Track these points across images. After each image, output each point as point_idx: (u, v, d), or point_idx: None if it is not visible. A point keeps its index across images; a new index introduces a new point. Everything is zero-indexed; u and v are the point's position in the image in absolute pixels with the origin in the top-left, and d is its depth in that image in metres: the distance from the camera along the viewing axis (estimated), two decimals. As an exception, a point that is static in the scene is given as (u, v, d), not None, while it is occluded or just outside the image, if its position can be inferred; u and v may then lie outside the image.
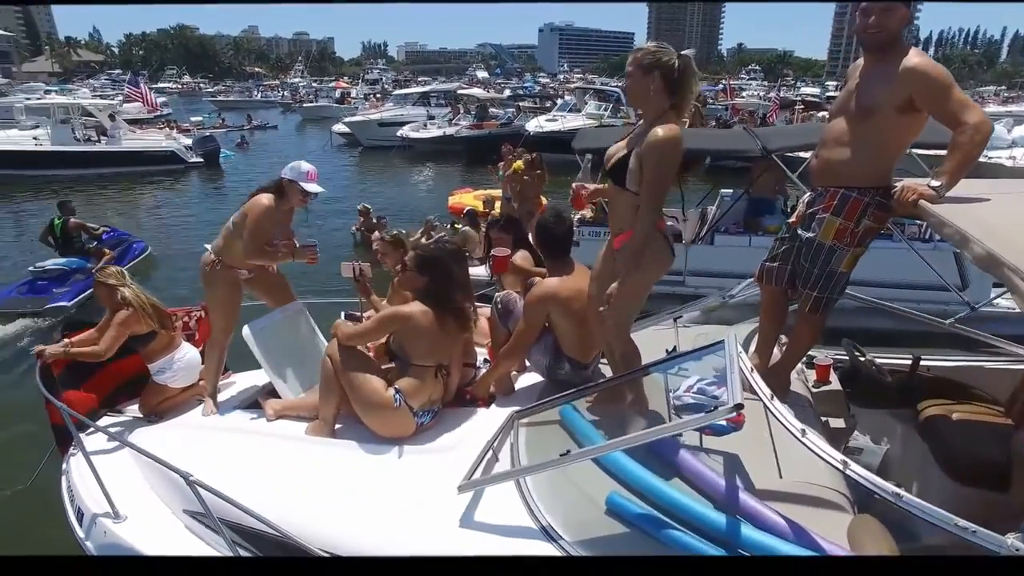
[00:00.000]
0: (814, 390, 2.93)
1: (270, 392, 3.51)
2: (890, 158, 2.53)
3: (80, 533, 2.79)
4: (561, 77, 72.20)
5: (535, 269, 3.48)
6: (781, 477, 2.20)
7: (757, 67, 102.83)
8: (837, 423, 2.86)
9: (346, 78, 77.85)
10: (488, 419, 2.88)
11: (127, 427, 3.46)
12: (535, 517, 2.17)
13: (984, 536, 1.61)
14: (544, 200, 9.15)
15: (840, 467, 1.84)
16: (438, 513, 2.27)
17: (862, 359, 3.12)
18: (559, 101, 25.95)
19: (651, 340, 3.05)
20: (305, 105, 43.33)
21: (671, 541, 1.94)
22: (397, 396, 2.82)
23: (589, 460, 2.23)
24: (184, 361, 3.63)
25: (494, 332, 3.28)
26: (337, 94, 47.72)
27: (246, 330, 3.42)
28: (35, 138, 18.53)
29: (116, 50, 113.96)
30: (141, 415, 3.60)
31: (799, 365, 3.01)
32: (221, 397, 3.65)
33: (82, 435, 3.02)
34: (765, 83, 65.13)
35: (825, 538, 1.87)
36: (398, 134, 23.21)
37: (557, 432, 2.56)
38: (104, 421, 3.56)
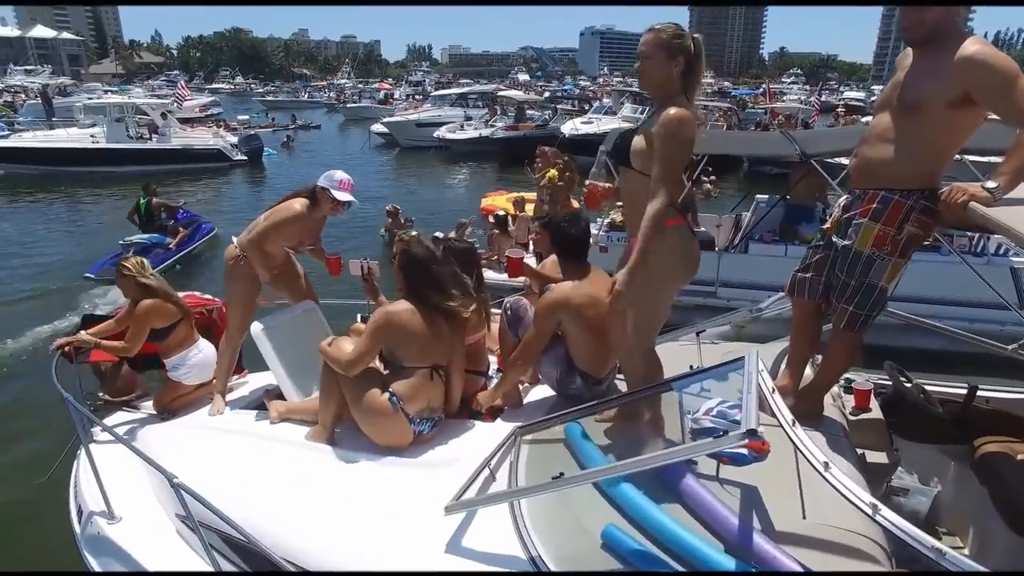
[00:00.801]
0: (851, 417, 2.62)
1: (278, 393, 3.39)
2: (938, 158, 2.23)
3: (76, 529, 2.74)
4: (600, 80, 71.59)
5: (551, 275, 3.27)
6: (804, 518, 1.93)
7: (799, 71, 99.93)
8: (877, 457, 2.53)
9: (390, 80, 78.69)
10: (492, 433, 2.67)
11: (138, 424, 3.39)
12: (524, 545, 1.98)
13: None
14: (575, 203, 8.91)
15: (869, 511, 1.58)
16: (422, 534, 2.10)
17: (908, 385, 2.78)
18: (595, 104, 25.57)
19: (672, 357, 2.80)
20: (348, 106, 43.92)
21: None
22: (393, 399, 2.66)
23: (590, 485, 2.04)
24: (198, 359, 3.57)
25: (503, 340, 3.10)
26: (381, 95, 48.18)
27: (255, 327, 3.34)
28: (92, 136, 19.13)
29: (175, 52, 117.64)
30: (155, 412, 3.56)
31: (835, 389, 2.74)
32: (232, 396, 3.57)
33: (95, 428, 3.01)
34: (807, 87, 63.22)
35: None
36: (435, 135, 23.20)
37: (561, 452, 2.36)
38: (119, 416, 3.54)
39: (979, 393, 2.77)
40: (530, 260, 3.78)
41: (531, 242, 7.53)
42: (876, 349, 2.76)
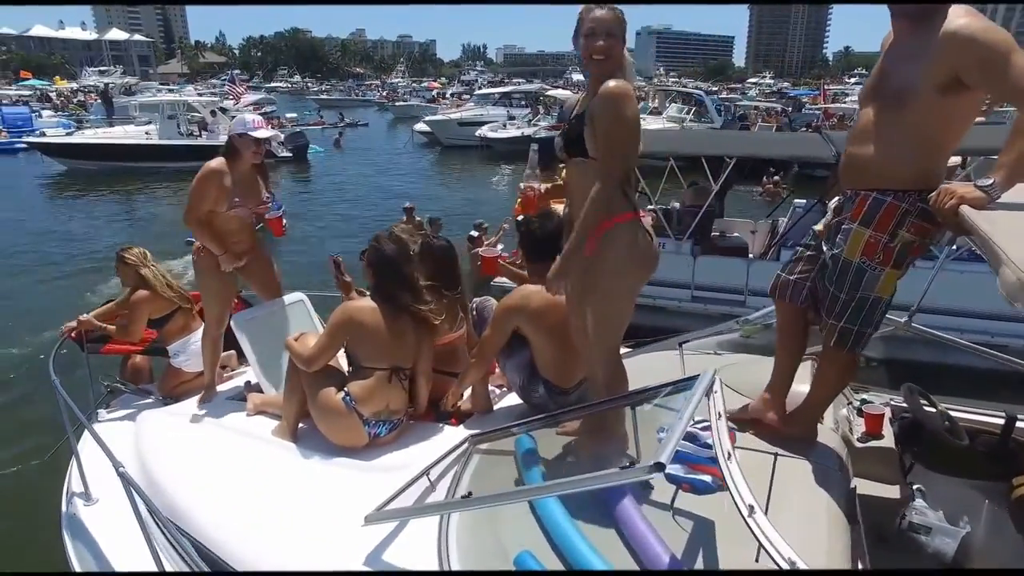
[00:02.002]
0: (859, 445, 2.34)
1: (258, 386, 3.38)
2: (934, 153, 1.94)
3: (62, 509, 2.79)
4: (655, 81, 70.71)
5: (522, 273, 3.09)
6: (757, 560, 1.66)
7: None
8: (885, 491, 2.25)
9: (443, 79, 79.60)
10: (454, 440, 2.51)
11: (139, 409, 3.44)
12: (441, 564, 1.84)
13: None
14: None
15: (786, 565, 1.34)
16: (348, 541, 1.98)
17: (931, 411, 2.45)
18: (640, 104, 25.08)
19: (652, 370, 2.59)
20: (397, 104, 44.56)
21: None
22: (346, 399, 2.60)
23: (525, 504, 1.89)
24: (198, 347, 3.57)
25: (470, 341, 2.98)
26: (433, 93, 48.72)
27: (234, 320, 3.33)
28: (147, 133, 19.99)
29: (237, 52, 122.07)
30: (160, 397, 3.63)
31: (844, 411, 2.48)
32: (229, 385, 3.57)
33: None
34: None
35: None
36: (476, 134, 23.16)
37: (512, 465, 2.19)
38: (126, 399, 3.64)
39: (1020, 424, 2.44)
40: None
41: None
42: (902, 365, 2.46)
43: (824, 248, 2.15)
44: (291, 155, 20.91)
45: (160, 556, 2.04)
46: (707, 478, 1.78)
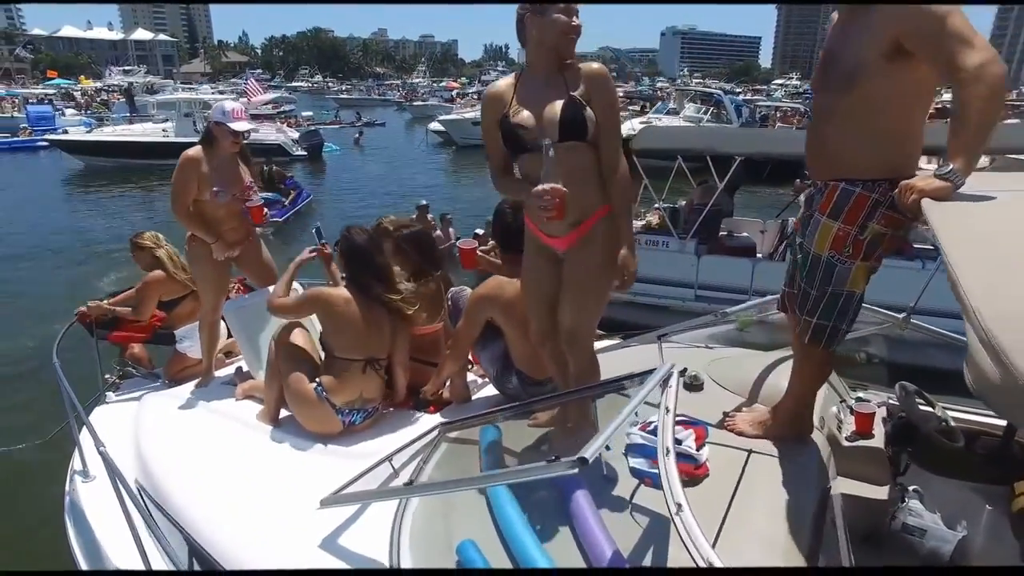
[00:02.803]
0: (846, 444, 2.30)
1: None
2: (898, 136, 1.85)
3: (65, 487, 2.92)
4: (679, 82, 70.32)
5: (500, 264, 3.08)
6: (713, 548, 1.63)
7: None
8: (872, 492, 2.19)
9: (463, 79, 79.92)
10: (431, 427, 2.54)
11: (144, 391, 3.56)
12: (391, 551, 1.83)
13: None
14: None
15: (703, 564, 1.30)
16: (305, 524, 2.00)
17: (929, 411, 2.39)
18: (659, 103, 24.90)
19: (638, 363, 2.56)
20: (415, 104, 44.87)
21: None
22: (318, 389, 2.66)
23: (481, 495, 1.89)
24: None
25: (446, 331, 2.99)
26: (452, 93, 48.93)
27: (225, 308, 3.43)
28: (164, 130, 20.38)
29: (259, 52, 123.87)
30: (166, 380, 3.79)
31: (834, 409, 2.44)
32: (225, 372, 3.62)
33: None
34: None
35: None
36: (491, 134, 23.07)
37: (476, 455, 2.19)
38: (134, 382, 3.86)
39: None
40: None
41: None
42: (905, 366, 2.52)
43: (798, 240, 2.09)
44: (306, 153, 21.12)
45: (139, 532, 2.10)
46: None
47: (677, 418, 2.04)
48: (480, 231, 9.13)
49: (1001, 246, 1.37)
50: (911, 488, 2.42)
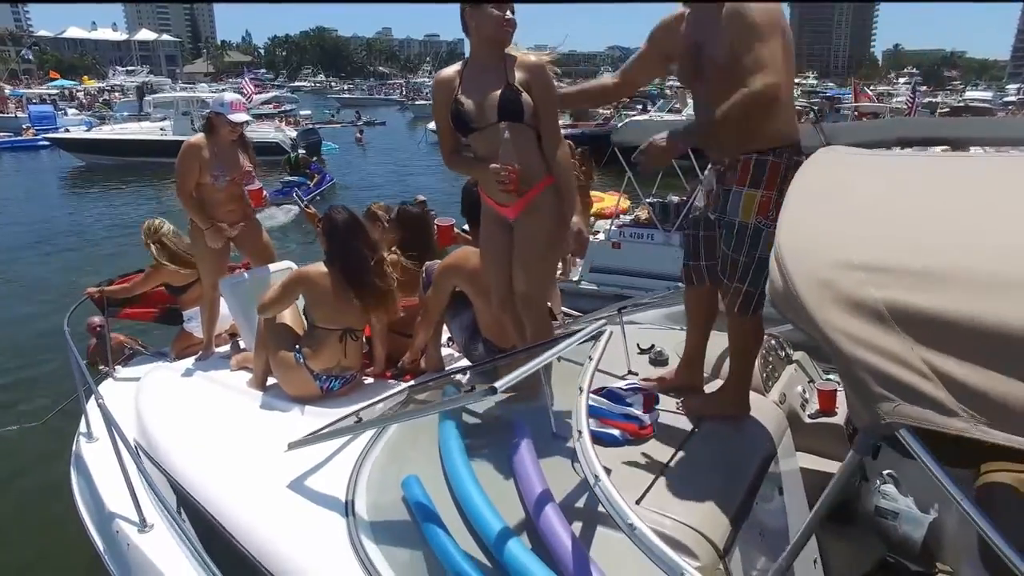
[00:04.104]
0: (808, 420, 2.44)
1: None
2: (780, 105, 2.06)
3: (72, 448, 3.17)
4: (688, 80, 69.93)
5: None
6: (638, 503, 1.74)
7: (915, 70, 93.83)
8: (832, 467, 2.31)
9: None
10: None
11: (151, 366, 3.86)
12: (347, 488, 2.03)
13: None
14: (593, 197, 8.79)
15: (625, 530, 1.38)
16: (280, 469, 2.20)
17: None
18: (660, 101, 25.04)
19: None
20: (417, 103, 45.15)
21: (435, 547, 1.67)
22: (297, 356, 2.96)
23: (435, 439, 2.06)
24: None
25: (422, 303, 3.20)
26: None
27: (221, 283, 3.70)
28: (162, 129, 20.77)
29: (262, 51, 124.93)
30: (172, 357, 4.11)
31: (799, 388, 2.55)
32: (225, 348, 3.93)
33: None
34: (923, 88, 59.17)
35: None
36: (491, 132, 23.28)
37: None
38: (144, 358, 4.22)
39: None
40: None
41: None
42: None
43: (712, 216, 2.22)
44: (304, 152, 21.45)
45: (132, 481, 2.35)
46: (616, 432, 1.99)
47: (630, 384, 2.26)
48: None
49: (829, 194, 1.51)
50: (885, 472, 2.54)
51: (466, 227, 3.42)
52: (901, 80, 69.57)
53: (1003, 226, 1.12)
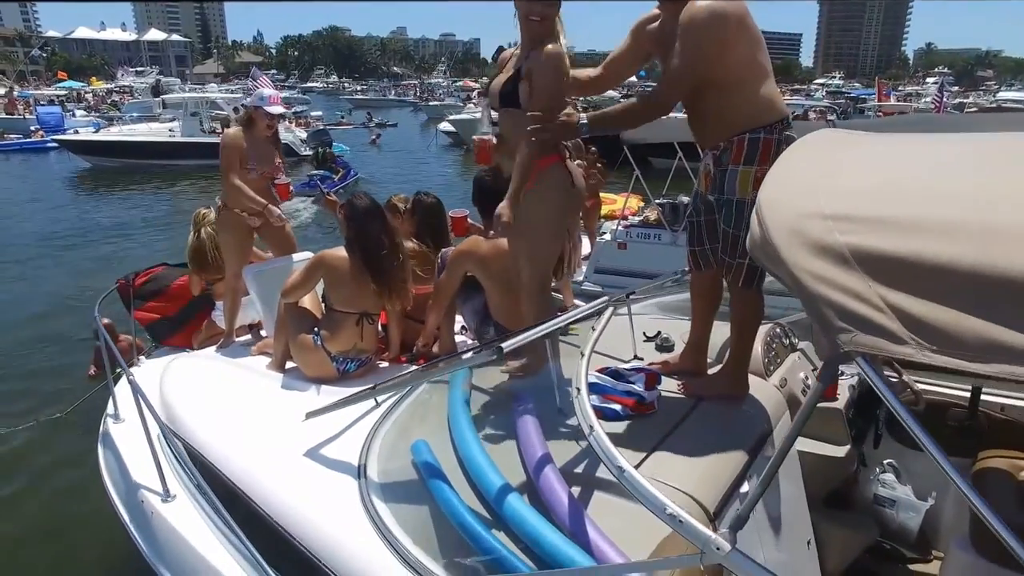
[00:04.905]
0: None
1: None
2: (761, 82, 2.24)
3: (100, 429, 3.34)
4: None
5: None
6: (638, 467, 1.82)
7: (947, 70, 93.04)
8: (830, 451, 2.44)
9: (484, 79, 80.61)
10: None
11: (175, 354, 4.05)
12: (360, 455, 2.19)
13: None
14: (607, 199, 8.90)
15: (615, 473, 1.47)
16: (298, 439, 2.37)
17: (894, 379, 2.53)
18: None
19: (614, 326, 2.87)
20: (431, 104, 45.62)
21: (440, 502, 1.80)
22: (315, 338, 3.15)
23: (445, 411, 2.21)
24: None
25: (435, 289, 3.40)
26: (473, 93, 49.57)
27: (244, 272, 3.90)
28: (170, 130, 21.13)
29: (274, 51, 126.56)
30: (195, 346, 4.31)
31: (802, 374, 2.66)
32: (246, 337, 4.15)
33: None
34: (955, 88, 58.73)
35: (602, 532, 1.58)
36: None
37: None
38: (163, 350, 4.36)
39: (993, 399, 2.61)
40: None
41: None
42: None
43: (711, 198, 2.34)
44: (314, 152, 21.79)
45: (156, 451, 2.53)
46: (617, 407, 2.11)
47: (633, 364, 2.41)
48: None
49: (810, 160, 1.63)
50: (885, 462, 2.67)
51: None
52: (930, 80, 68.98)
53: (960, 182, 1.26)
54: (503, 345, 1.79)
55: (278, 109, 3.99)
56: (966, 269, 1.03)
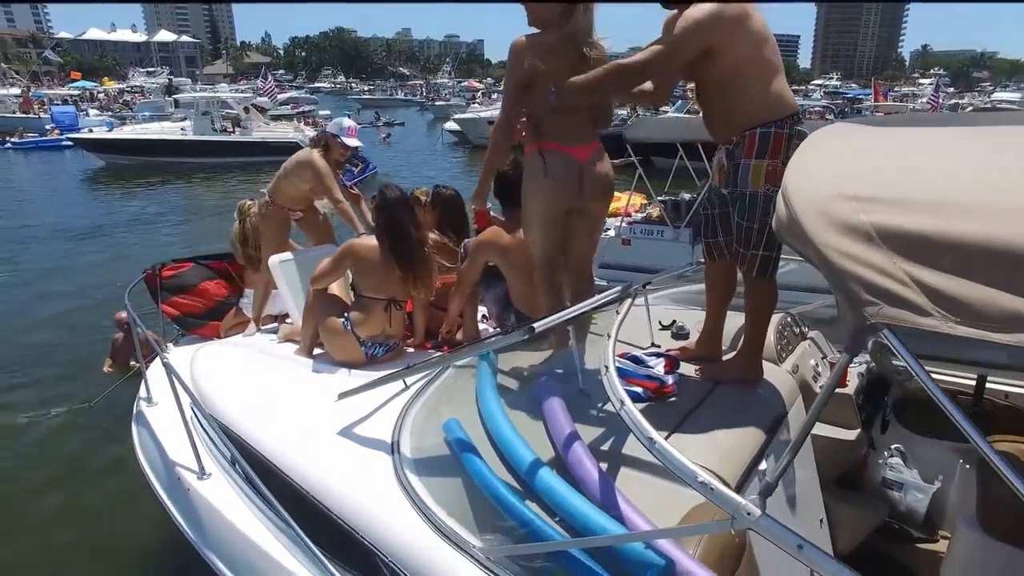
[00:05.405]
0: (820, 391, 2.55)
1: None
2: (770, 79, 2.28)
3: (133, 411, 3.41)
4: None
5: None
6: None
7: (943, 72, 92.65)
8: (840, 434, 2.49)
9: (488, 80, 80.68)
10: None
11: (202, 342, 4.17)
12: (393, 433, 2.24)
13: None
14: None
15: (645, 443, 1.51)
16: (328, 420, 2.43)
17: (899, 365, 2.60)
18: (679, 102, 25.06)
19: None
20: (437, 104, 45.62)
21: (475, 476, 1.83)
22: (345, 323, 3.21)
23: (472, 391, 2.27)
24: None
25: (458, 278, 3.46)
26: (477, 94, 49.63)
27: (271, 261, 3.95)
28: (182, 129, 21.24)
29: (281, 52, 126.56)
30: (221, 335, 4.41)
31: (812, 361, 2.71)
32: (272, 324, 4.25)
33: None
34: (950, 89, 58.59)
35: (631, 503, 1.63)
36: (506, 133, 23.43)
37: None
38: (192, 337, 4.48)
39: (997, 387, 2.64)
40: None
41: None
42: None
43: (724, 192, 2.39)
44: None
45: (192, 431, 2.60)
46: (639, 390, 2.15)
47: (652, 349, 2.47)
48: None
49: (832, 147, 1.68)
50: (893, 447, 2.73)
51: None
52: (925, 81, 68.83)
53: (978, 165, 1.31)
54: (535, 326, 1.83)
55: (354, 142, 4.14)
56: (986, 245, 1.07)
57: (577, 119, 2.55)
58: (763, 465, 1.95)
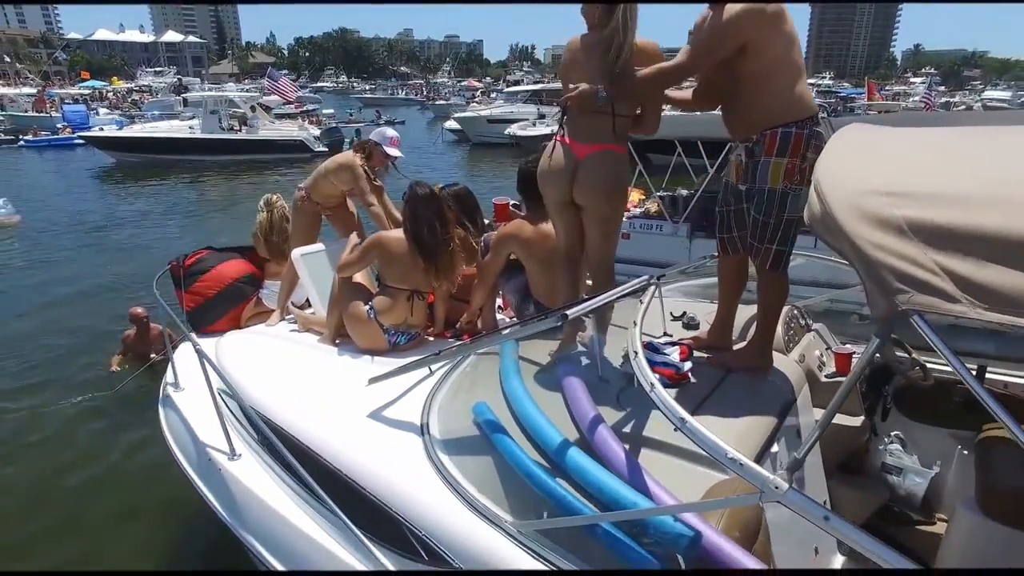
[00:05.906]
0: (824, 379, 2.64)
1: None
2: (792, 80, 2.32)
3: (160, 396, 3.44)
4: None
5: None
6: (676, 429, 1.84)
7: (934, 71, 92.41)
8: (845, 420, 2.54)
9: (487, 79, 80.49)
10: None
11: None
12: (422, 415, 2.30)
13: None
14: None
15: (676, 423, 1.53)
16: (358, 403, 2.49)
17: (904, 356, 2.60)
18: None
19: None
20: (437, 103, 45.52)
21: (506, 454, 1.87)
22: (370, 312, 3.25)
23: (496, 375, 2.32)
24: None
25: (479, 269, 3.49)
26: (473, 94, 49.53)
27: (294, 253, 3.99)
28: (190, 127, 21.21)
29: (286, 52, 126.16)
30: (241, 324, 4.38)
31: (817, 352, 2.75)
32: (291, 317, 4.24)
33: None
34: (941, 88, 58.51)
35: (660, 483, 1.66)
36: (506, 132, 23.40)
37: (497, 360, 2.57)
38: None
39: (995, 377, 2.70)
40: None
41: None
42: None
43: (741, 187, 2.44)
44: (327, 149, 21.83)
45: (222, 412, 2.65)
46: (655, 376, 2.19)
47: (666, 338, 2.52)
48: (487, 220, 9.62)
49: (858, 145, 1.72)
50: (893, 434, 2.78)
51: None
52: (917, 80, 68.71)
53: (1001, 162, 1.37)
54: (567, 312, 1.87)
55: (396, 152, 4.19)
56: (1013, 236, 1.12)
57: (595, 122, 2.54)
58: (775, 448, 2.00)
